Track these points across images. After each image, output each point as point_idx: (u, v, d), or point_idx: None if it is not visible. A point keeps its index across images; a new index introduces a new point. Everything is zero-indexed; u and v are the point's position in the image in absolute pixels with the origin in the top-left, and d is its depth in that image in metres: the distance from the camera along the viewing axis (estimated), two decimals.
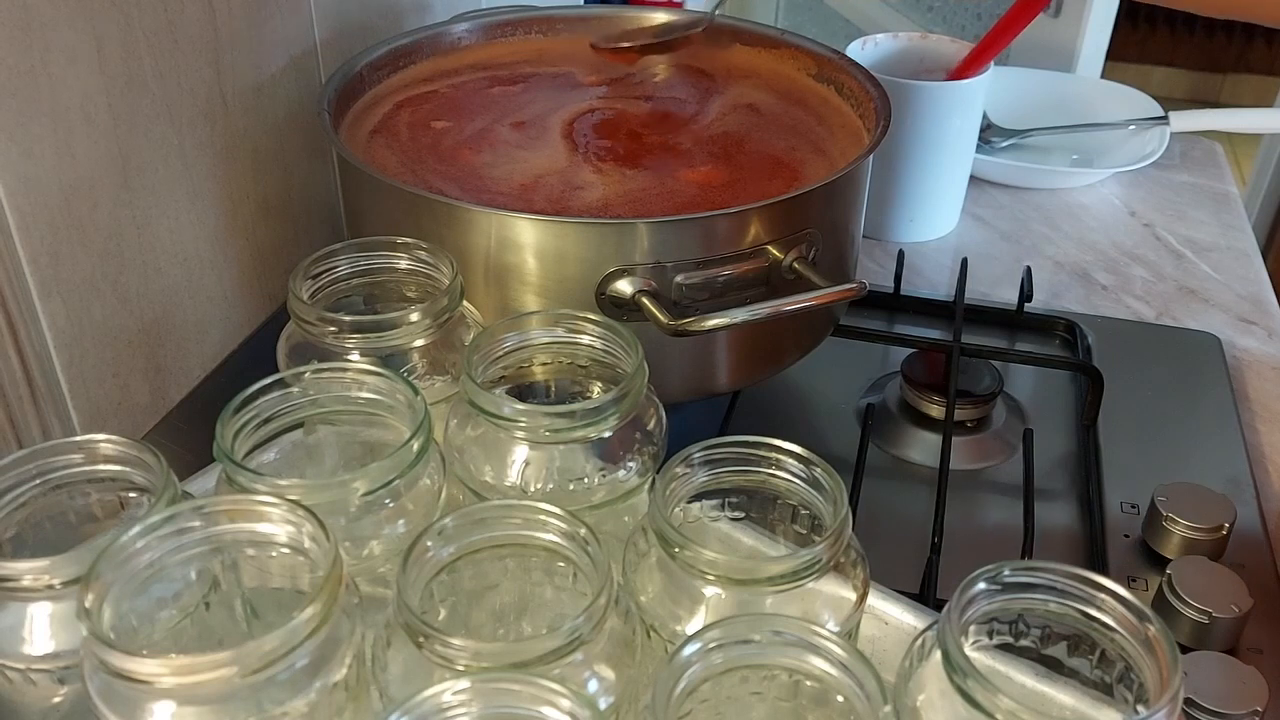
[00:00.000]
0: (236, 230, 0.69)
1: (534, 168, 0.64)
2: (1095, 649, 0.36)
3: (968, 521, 0.64)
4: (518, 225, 0.55)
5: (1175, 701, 0.32)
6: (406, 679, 0.35)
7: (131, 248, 0.60)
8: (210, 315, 0.68)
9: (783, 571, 0.37)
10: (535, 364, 0.48)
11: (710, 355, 0.61)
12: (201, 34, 0.63)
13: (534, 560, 0.40)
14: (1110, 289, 0.87)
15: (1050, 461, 0.68)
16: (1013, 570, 0.35)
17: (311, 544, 0.36)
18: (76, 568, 0.36)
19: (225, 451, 0.41)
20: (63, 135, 0.54)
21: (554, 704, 0.31)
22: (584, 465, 0.45)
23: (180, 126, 0.63)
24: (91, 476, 0.41)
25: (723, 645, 0.34)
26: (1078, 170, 1.02)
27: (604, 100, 0.72)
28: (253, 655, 0.32)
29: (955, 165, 0.92)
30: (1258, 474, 0.67)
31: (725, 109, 0.72)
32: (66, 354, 0.57)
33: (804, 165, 0.66)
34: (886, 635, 0.45)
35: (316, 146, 0.76)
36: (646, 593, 0.40)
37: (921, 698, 0.35)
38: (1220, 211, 0.99)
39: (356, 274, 0.53)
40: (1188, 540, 0.60)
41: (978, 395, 0.70)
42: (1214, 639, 0.55)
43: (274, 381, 0.44)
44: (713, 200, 0.61)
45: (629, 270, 0.54)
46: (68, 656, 0.37)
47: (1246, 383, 0.77)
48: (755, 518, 0.44)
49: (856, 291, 0.55)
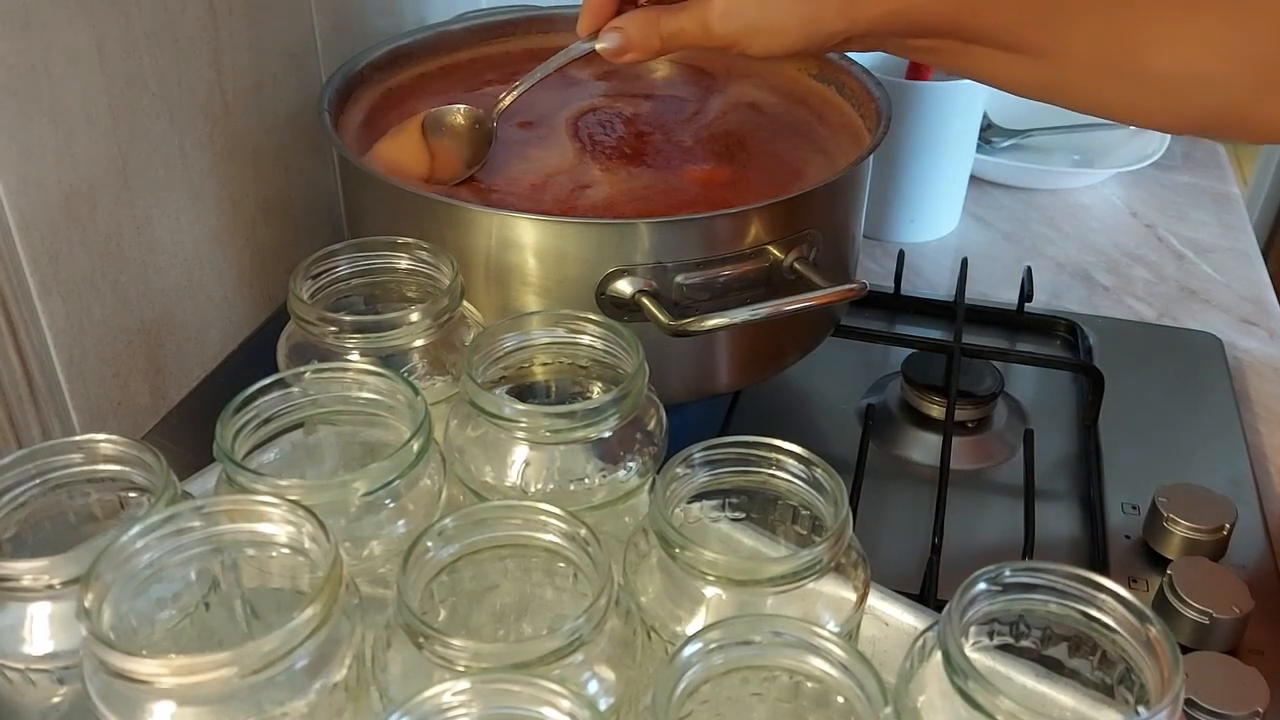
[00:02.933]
0: (236, 230, 0.69)
1: (544, 167, 0.64)
2: (1096, 650, 0.36)
3: (968, 522, 0.64)
4: (518, 225, 0.55)
5: (1176, 702, 0.32)
6: (406, 679, 0.35)
7: (131, 248, 0.60)
8: (210, 315, 0.68)
9: (783, 572, 0.37)
10: (535, 364, 0.48)
11: (710, 355, 0.61)
12: (201, 34, 0.63)
13: (534, 561, 0.40)
14: (1111, 289, 0.87)
15: (1051, 462, 0.68)
16: (1013, 571, 0.35)
17: (311, 544, 0.36)
18: (76, 568, 0.36)
19: (225, 451, 0.40)
20: (63, 135, 0.54)
21: (554, 705, 0.31)
22: (584, 465, 0.45)
23: (180, 126, 0.63)
24: (91, 476, 0.41)
25: (723, 646, 0.34)
26: (1079, 170, 1.02)
27: (605, 98, 0.72)
28: (252, 656, 0.32)
29: (956, 165, 0.92)
30: (1259, 475, 0.67)
31: (726, 107, 0.72)
32: (66, 354, 0.57)
33: (805, 165, 0.66)
34: (887, 636, 0.45)
35: (316, 146, 0.76)
36: (647, 593, 0.40)
37: (922, 699, 0.35)
38: (1221, 212, 0.99)
39: (357, 274, 0.53)
40: (1189, 541, 0.60)
41: (978, 396, 0.70)
42: (1215, 640, 0.55)
43: (274, 381, 0.44)
44: (717, 199, 0.61)
45: (629, 270, 0.54)
46: (67, 656, 0.37)
47: (1248, 383, 0.77)
48: (756, 518, 0.44)
49: (857, 292, 0.55)
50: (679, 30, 0.54)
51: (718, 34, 0.53)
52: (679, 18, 0.54)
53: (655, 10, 0.55)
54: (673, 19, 0.54)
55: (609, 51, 0.57)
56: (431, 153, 0.62)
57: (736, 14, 0.52)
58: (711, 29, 0.53)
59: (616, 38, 0.56)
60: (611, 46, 0.56)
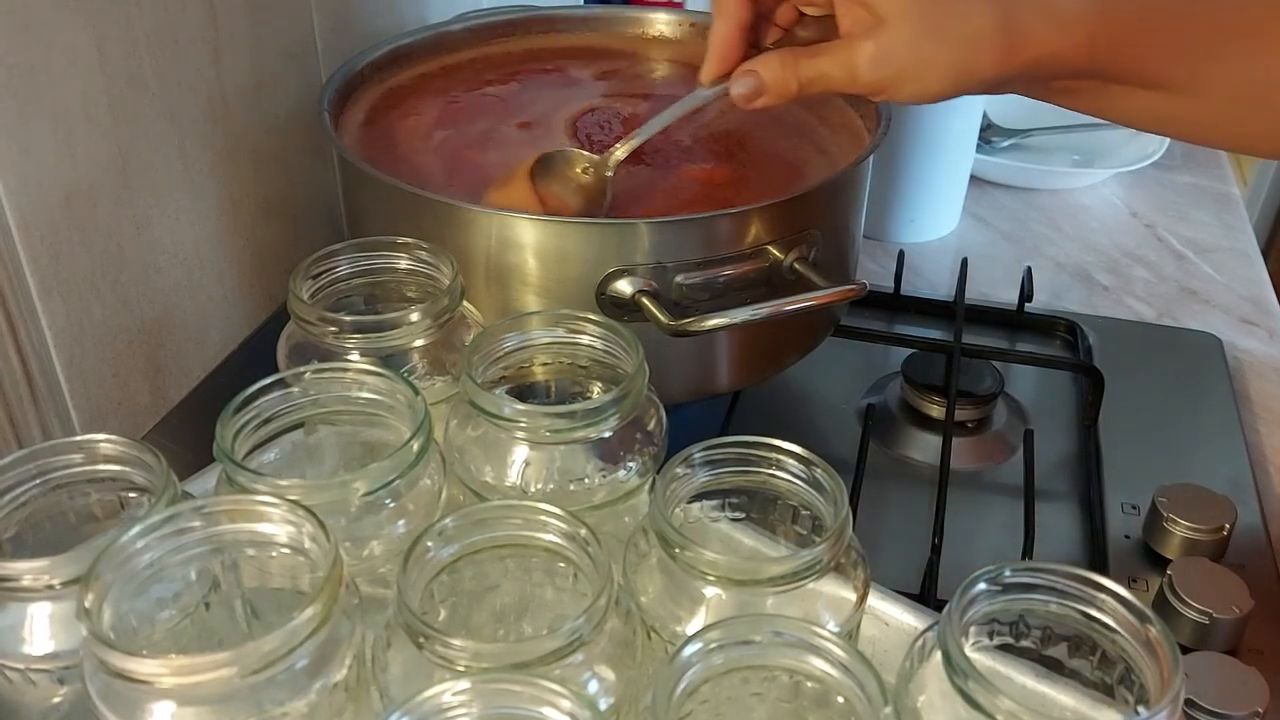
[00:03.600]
0: (236, 230, 0.69)
1: None
2: (1096, 650, 0.36)
3: (968, 522, 0.64)
4: (518, 225, 0.55)
5: (1176, 702, 0.32)
6: (406, 679, 0.35)
7: (131, 248, 0.60)
8: (210, 315, 0.68)
9: (783, 572, 0.37)
10: (535, 364, 0.48)
11: (710, 355, 0.61)
12: (201, 34, 0.63)
13: (534, 561, 0.40)
14: (1111, 289, 0.87)
15: (1051, 462, 0.68)
16: (1013, 571, 0.35)
17: (311, 544, 0.36)
18: (76, 568, 0.36)
19: (225, 451, 0.40)
20: (63, 135, 0.54)
21: (554, 705, 0.31)
22: (584, 465, 0.45)
23: (180, 126, 0.63)
24: (91, 476, 0.41)
25: (723, 646, 0.34)
26: (1079, 170, 1.02)
27: (605, 98, 0.72)
28: (253, 656, 0.32)
29: (956, 165, 0.92)
30: (1259, 475, 0.67)
31: (726, 107, 0.72)
32: (66, 354, 0.57)
33: (805, 165, 0.66)
34: (887, 636, 0.45)
35: (316, 146, 0.76)
36: (647, 593, 0.40)
37: (922, 699, 0.35)
38: (1221, 212, 0.99)
39: (357, 274, 0.53)
40: (1188, 541, 0.60)
41: (978, 396, 0.70)
42: (1215, 640, 0.55)
43: (274, 381, 0.44)
44: (717, 198, 0.61)
45: (629, 270, 0.54)
46: (68, 656, 0.37)
47: (1248, 383, 0.77)
48: (756, 518, 0.44)
49: (857, 292, 0.55)
50: (820, 75, 0.51)
51: (866, 80, 0.50)
52: (820, 61, 0.51)
53: (792, 52, 0.52)
54: (813, 63, 0.51)
55: (741, 97, 0.53)
56: (541, 199, 0.59)
57: (887, 60, 0.49)
58: (859, 74, 0.50)
59: (750, 82, 0.53)
60: (745, 91, 0.53)
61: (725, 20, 0.54)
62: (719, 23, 0.54)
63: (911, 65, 0.49)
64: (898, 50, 0.49)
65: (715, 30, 0.54)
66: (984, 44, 0.48)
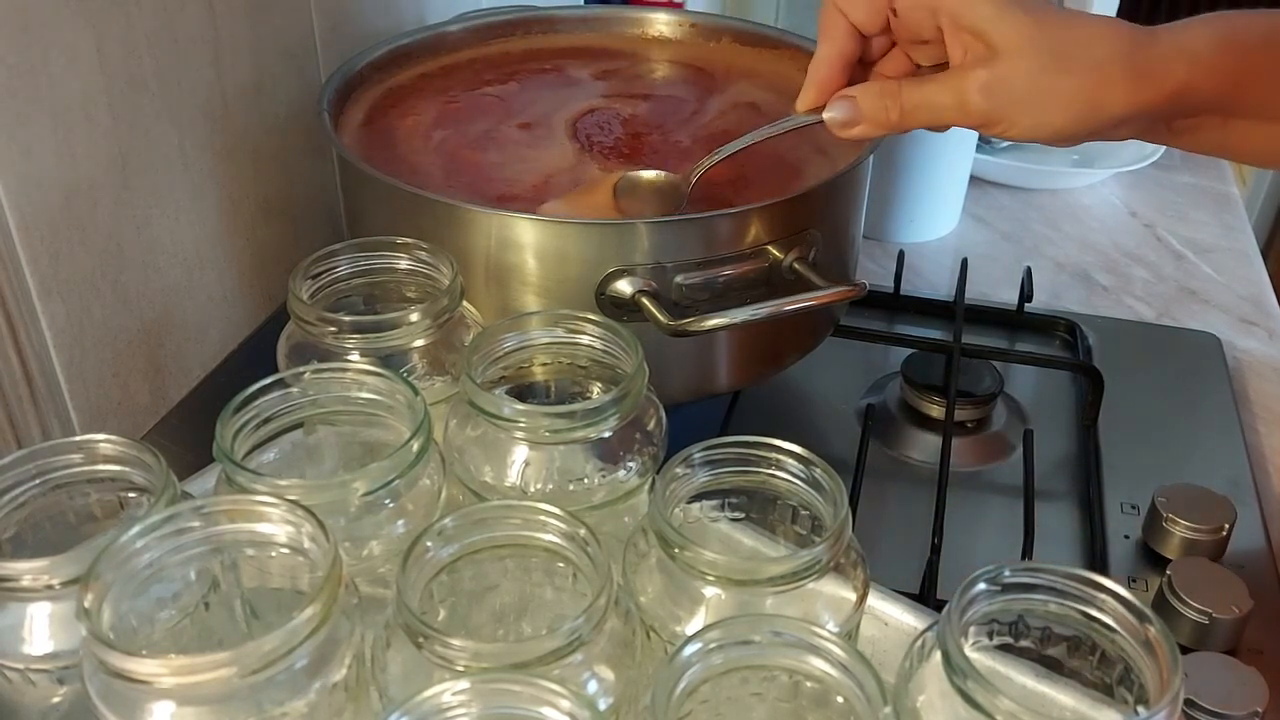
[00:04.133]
0: (236, 230, 0.69)
1: (544, 167, 0.64)
2: (1095, 650, 0.36)
3: (968, 522, 0.64)
4: (518, 226, 0.55)
5: (1175, 702, 0.32)
6: (406, 679, 0.35)
7: (131, 248, 0.60)
8: (210, 315, 0.68)
9: (783, 572, 0.37)
10: (535, 364, 0.48)
11: (710, 355, 0.61)
12: (201, 34, 0.63)
13: (534, 561, 0.40)
14: (1111, 289, 0.87)
15: (1050, 462, 0.68)
16: (1013, 571, 0.35)
17: (311, 544, 0.36)
18: (76, 568, 0.36)
19: (225, 451, 0.40)
20: (63, 135, 0.54)
21: (554, 704, 0.31)
22: (584, 466, 0.45)
23: (180, 126, 0.63)
24: (91, 476, 0.41)
25: (723, 646, 0.34)
26: (1078, 170, 1.02)
27: (605, 99, 0.72)
28: (252, 655, 0.32)
29: (955, 165, 0.92)
30: (1258, 475, 0.67)
31: (725, 107, 0.72)
32: (66, 354, 0.57)
33: (805, 165, 0.66)
34: (886, 636, 0.45)
35: (316, 146, 0.76)
36: (646, 593, 0.40)
37: (921, 698, 0.35)
38: (1221, 212, 0.99)
39: (356, 274, 0.53)
40: (1188, 541, 0.60)
41: (978, 396, 0.70)
42: (1214, 640, 0.55)
43: (274, 381, 0.44)
44: (717, 198, 0.61)
45: (629, 270, 0.54)
46: (67, 656, 0.37)
47: (1247, 383, 0.77)
48: (755, 518, 0.44)
49: (857, 292, 0.55)
50: (925, 103, 0.48)
51: (977, 110, 0.47)
52: (927, 89, 0.48)
53: (895, 80, 0.50)
54: (918, 90, 0.48)
55: (835, 123, 0.51)
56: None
57: (1002, 88, 0.46)
58: (969, 104, 0.47)
59: (847, 107, 0.50)
60: (840, 117, 0.51)
61: (829, 45, 0.51)
62: (823, 46, 0.52)
63: (1030, 95, 0.46)
64: (1015, 79, 0.46)
65: (818, 55, 0.52)
66: (1113, 75, 0.45)
